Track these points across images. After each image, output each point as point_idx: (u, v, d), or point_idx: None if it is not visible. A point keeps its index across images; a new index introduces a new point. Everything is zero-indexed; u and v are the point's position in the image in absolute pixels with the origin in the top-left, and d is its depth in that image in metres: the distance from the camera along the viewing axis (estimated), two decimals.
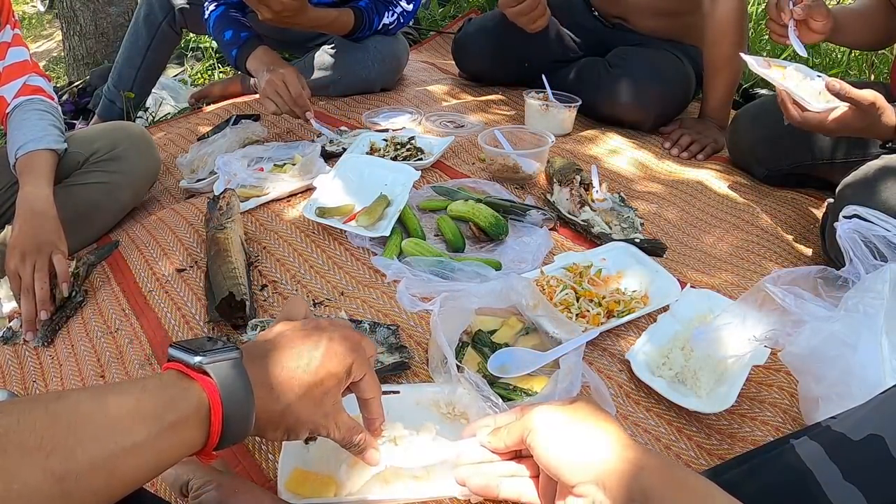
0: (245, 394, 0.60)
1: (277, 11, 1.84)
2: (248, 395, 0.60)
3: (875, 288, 0.83)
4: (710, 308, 1.14)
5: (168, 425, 0.55)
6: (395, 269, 1.28)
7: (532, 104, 1.95)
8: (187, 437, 0.57)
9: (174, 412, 0.56)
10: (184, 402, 0.57)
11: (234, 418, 0.59)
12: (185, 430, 0.57)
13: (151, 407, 0.55)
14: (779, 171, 1.74)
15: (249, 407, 0.60)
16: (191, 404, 0.58)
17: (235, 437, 0.60)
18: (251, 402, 0.60)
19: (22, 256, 1.33)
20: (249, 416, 0.61)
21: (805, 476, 0.57)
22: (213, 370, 0.59)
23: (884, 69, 2.70)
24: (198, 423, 0.58)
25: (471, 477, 0.69)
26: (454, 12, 3.50)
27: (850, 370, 0.80)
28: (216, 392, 0.58)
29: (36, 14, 6.08)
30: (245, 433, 0.61)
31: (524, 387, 1.00)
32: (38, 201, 1.40)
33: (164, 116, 2.75)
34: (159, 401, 0.56)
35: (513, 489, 0.68)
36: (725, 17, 1.84)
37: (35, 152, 1.46)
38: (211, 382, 0.58)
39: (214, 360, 0.59)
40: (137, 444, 0.53)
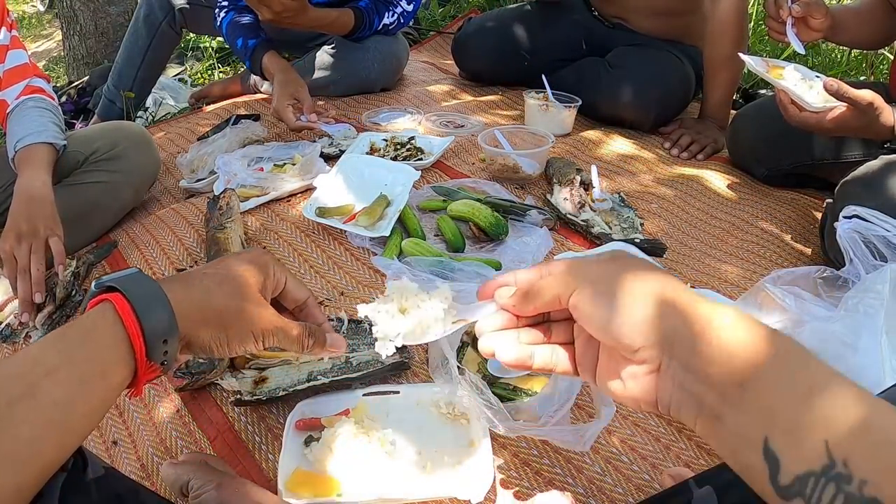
0: (151, 286, 0.58)
1: (278, 12, 1.84)
2: (154, 288, 0.58)
3: (875, 288, 0.84)
4: None
5: (78, 341, 0.54)
6: (396, 269, 1.28)
7: (532, 104, 1.95)
8: (104, 345, 0.55)
9: (79, 328, 0.55)
10: (88, 318, 0.56)
11: (146, 310, 0.56)
12: (99, 340, 0.55)
13: (62, 336, 0.55)
14: (779, 171, 1.74)
15: (157, 293, 0.58)
16: (96, 314, 0.56)
17: (161, 331, 0.57)
18: (159, 292, 0.58)
19: (18, 238, 1.33)
20: (162, 302, 0.58)
21: None
22: (111, 281, 0.58)
23: (883, 69, 2.70)
24: (108, 327, 0.56)
25: (502, 348, 0.55)
26: (454, 12, 3.50)
27: (850, 370, 0.80)
28: (119, 295, 0.57)
29: (36, 14, 6.07)
30: (169, 327, 0.58)
31: (524, 387, 1.00)
32: (35, 186, 1.40)
33: (164, 116, 2.75)
34: (68, 329, 0.55)
35: (546, 359, 0.56)
36: (725, 16, 1.84)
37: (34, 145, 1.46)
38: (115, 294, 0.57)
39: (111, 276, 0.59)
40: (56, 367, 0.52)
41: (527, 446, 0.93)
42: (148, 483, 0.95)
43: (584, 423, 0.89)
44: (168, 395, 1.09)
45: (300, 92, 1.90)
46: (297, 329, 0.68)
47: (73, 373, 0.53)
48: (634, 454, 0.93)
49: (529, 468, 0.90)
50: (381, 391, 1.00)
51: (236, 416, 1.01)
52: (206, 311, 0.62)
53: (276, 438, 0.96)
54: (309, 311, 0.74)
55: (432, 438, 0.91)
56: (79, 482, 0.59)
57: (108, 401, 0.56)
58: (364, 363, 1.04)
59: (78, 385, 0.53)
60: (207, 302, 0.62)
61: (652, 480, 0.89)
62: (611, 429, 0.96)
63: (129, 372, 0.57)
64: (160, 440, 1.01)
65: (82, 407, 0.53)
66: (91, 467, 0.61)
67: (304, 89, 1.92)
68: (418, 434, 0.92)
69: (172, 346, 0.59)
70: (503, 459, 0.91)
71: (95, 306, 0.57)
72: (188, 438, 1.01)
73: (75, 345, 0.54)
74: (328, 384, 0.99)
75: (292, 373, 1.03)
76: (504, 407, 0.88)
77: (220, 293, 0.63)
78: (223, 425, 1.01)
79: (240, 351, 0.65)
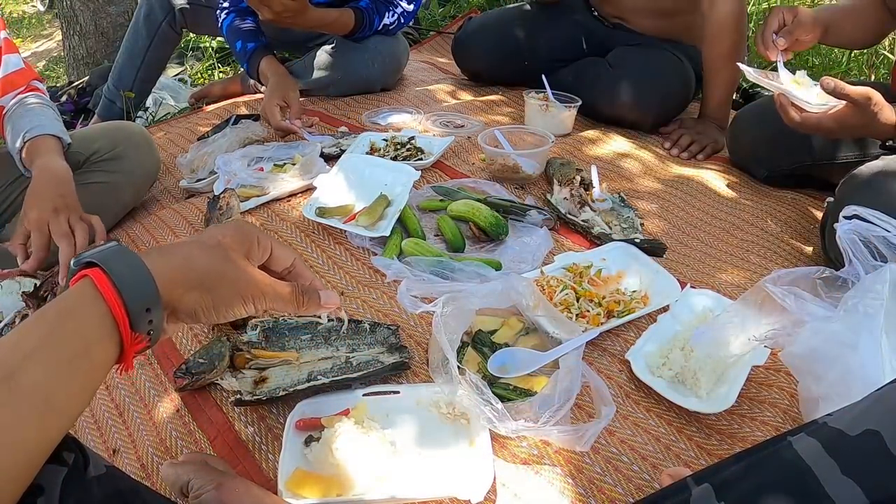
0: (130, 257, 0.57)
1: (278, 12, 1.85)
2: (133, 258, 0.57)
3: (875, 288, 0.83)
4: (710, 308, 1.15)
5: (58, 320, 0.53)
6: (396, 269, 1.28)
7: (532, 104, 1.95)
8: (85, 322, 0.54)
9: (59, 307, 0.54)
10: (68, 296, 0.55)
11: (126, 280, 0.55)
12: (80, 317, 0.54)
13: (42, 316, 0.54)
14: (779, 171, 1.74)
15: (136, 263, 0.57)
16: (75, 291, 0.55)
17: (143, 300, 0.56)
18: (138, 261, 0.57)
19: (55, 210, 1.33)
20: (141, 271, 0.57)
21: (803, 472, 0.57)
22: (89, 257, 0.57)
23: (884, 70, 2.71)
24: (88, 303, 0.54)
25: None
26: (454, 12, 3.50)
27: (850, 370, 0.80)
28: (97, 269, 0.55)
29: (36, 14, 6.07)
30: (151, 295, 0.56)
31: (524, 387, 1.00)
32: (59, 167, 1.41)
33: (164, 116, 2.75)
34: (47, 309, 0.54)
35: None
36: (724, 17, 1.84)
37: (46, 136, 1.46)
38: (94, 269, 0.56)
39: (90, 252, 0.58)
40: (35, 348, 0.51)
41: (527, 446, 0.93)
42: (148, 483, 0.95)
43: (584, 423, 0.89)
44: (168, 395, 1.09)
45: (290, 95, 1.94)
46: (289, 287, 0.67)
47: (54, 353, 0.52)
48: (634, 454, 0.93)
49: (529, 468, 0.90)
50: (381, 391, 1.00)
51: (236, 416, 1.01)
52: (188, 274, 0.60)
53: (276, 438, 0.96)
54: (298, 272, 0.73)
55: (432, 438, 0.91)
56: (80, 479, 0.59)
57: (96, 379, 0.55)
58: (364, 363, 1.04)
59: (59, 365, 0.51)
60: (189, 266, 0.61)
61: (652, 480, 0.89)
62: (611, 429, 0.96)
63: (114, 347, 0.56)
64: (160, 440, 1.01)
65: (66, 387, 0.52)
66: (93, 465, 0.61)
67: (294, 93, 1.95)
68: (418, 434, 0.92)
69: (157, 315, 0.57)
70: (503, 459, 0.91)
71: (75, 284, 0.56)
72: (188, 438, 1.01)
73: (55, 325, 0.53)
74: (328, 384, 0.99)
75: (292, 373, 1.03)
76: (504, 407, 0.88)
77: (202, 257, 0.62)
78: (223, 425, 1.01)
79: (229, 315, 0.63)
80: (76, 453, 0.60)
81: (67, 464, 0.57)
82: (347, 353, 1.07)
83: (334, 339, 1.11)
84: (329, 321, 1.12)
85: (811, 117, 1.32)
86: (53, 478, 0.56)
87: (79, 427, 1.07)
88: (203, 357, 1.05)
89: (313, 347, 1.09)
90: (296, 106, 1.93)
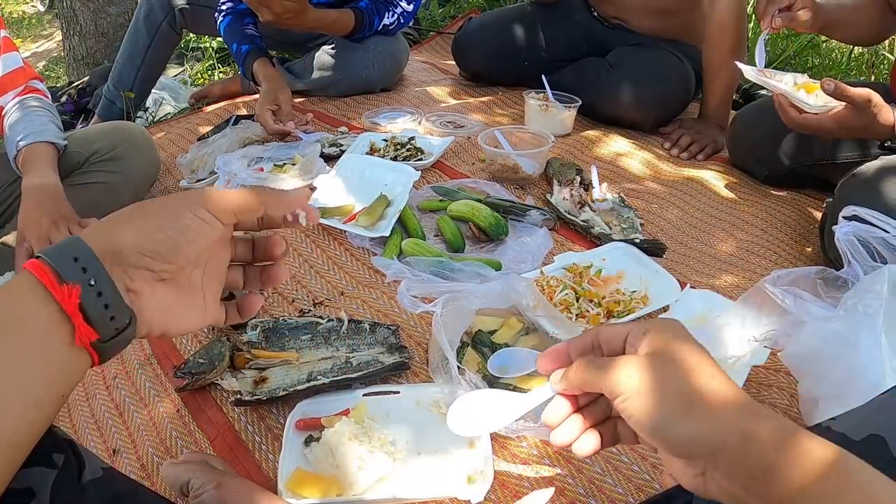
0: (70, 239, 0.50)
1: (278, 13, 1.85)
2: (75, 239, 0.50)
3: (874, 288, 0.84)
4: (710, 308, 1.15)
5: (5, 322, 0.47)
6: (396, 269, 1.28)
7: (532, 104, 1.95)
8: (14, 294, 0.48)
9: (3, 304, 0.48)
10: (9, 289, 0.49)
11: (52, 250, 0.49)
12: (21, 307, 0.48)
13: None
14: (779, 171, 1.74)
15: (77, 242, 0.50)
16: (17, 284, 0.49)
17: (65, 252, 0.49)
18: (78, 241, 0.50)
19: (54, 223, 1.35)
20: (71, 240, 0.50)
21: None
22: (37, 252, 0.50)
23: (884, 70, 2.71)
24: (27, 290, 0.48)
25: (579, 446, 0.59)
26: (454, 12, 3.50)
27: (850, 370, 0.80)
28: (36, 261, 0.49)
29: (36, 14, 6.07)
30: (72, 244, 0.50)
31: (524, 387, 1.00)
32: (49, 186, 1.42)
33: (164, 116, 2.75)
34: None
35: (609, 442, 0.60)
36: (724, 17, 1.84)
37: (39, 144, 1.47)
38: None
39: None
40: None
41: (527, 446, 0.93)
42: (148, 483, 0.95)
43: None
44: (168, 395, 1.09)
45: (280, 98, 1.94)
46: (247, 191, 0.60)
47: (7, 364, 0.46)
48: (634, 454, 0.93)
49: (529, 468, 0.90)
50: (381, 391, 1.00)
51: (236, 416, 1.01)
52: (113, 217, 0.53)
53: (276, 438, 0.96)
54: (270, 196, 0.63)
55: (432, 438, 0.91)
56: (72, 482, 0.59)
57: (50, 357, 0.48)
58: (364, 363, 1.04)
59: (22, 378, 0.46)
60: (113, 216, 0.53)
61: (652, 480, 0.89)
62: None
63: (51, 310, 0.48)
64: (160, 440, 1.01)
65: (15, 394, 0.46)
66: (89, 469, 0.61)
67: (284, 95, 1.96)
68: (418, 434, 0.92)
69: (90, 263, 0.49)
70: (503, 459, 0.91)
71: None
72: (188, 438, 1.01)
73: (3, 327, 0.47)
74: (328, 384, 0.99)
75: (292, 373, 1.03)
76: None
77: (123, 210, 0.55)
78: (223, 425, 1.01)
79: (188, 233, 0.54)
80: (68, 455, 0.59)
81: (57, 466, 0.56)
82: (347, 354, 1.07)
83: (334, 339, 1.11)
84: (329, 321, 1.13)
85: (811, 118, 1.32)
86: (43, 481, 0.55)
87: (79, 427, 1.07)
88: (203, 357, 1.05)
89: (313, 347, 1.09)
90: (286, 107, 1.93)
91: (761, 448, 0.48)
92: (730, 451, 0.48)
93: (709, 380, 0.52)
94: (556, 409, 0.60)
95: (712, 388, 0.51)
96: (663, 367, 0.53)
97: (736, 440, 0.48)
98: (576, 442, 0.59)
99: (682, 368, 0.52)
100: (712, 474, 0.49)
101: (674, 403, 0.51)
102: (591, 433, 0.59)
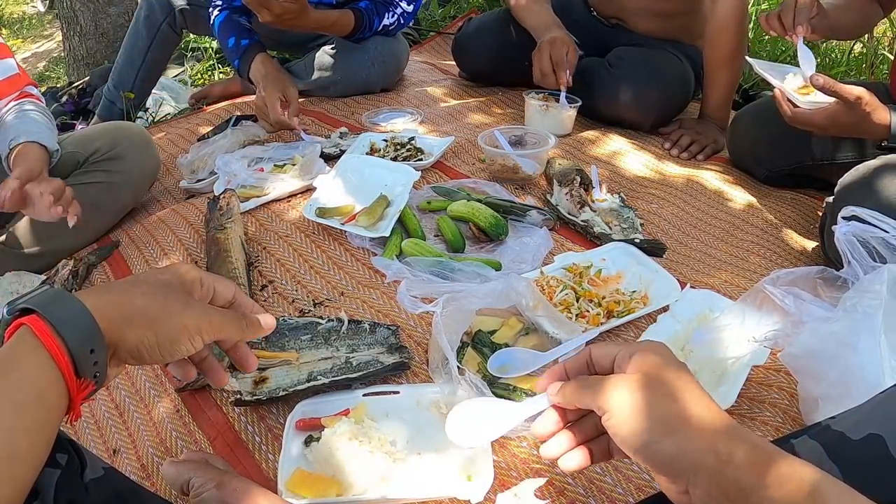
0: (66, 298, 0.55)
1: (278, 14, 1.84)
2: (70, 299, 0.55)
3: (873, 288, 0.84)
4: (710, 308, 1.15)
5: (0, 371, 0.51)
6: (396, 269, 1.28)
7: (532, 104, 1.95)
8: (30, 373, 0.52)
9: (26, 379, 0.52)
10: (7, 348, 0.53)
11: (65, 323, 0.53)
12: (24, 368, 0.52)
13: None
14: (779, 171, 1.74)
15: (73, 303, 0.55)
16: (15, 342, 0.53)
17: (85, 342, 0.54)
18: (76, 302, 0.55)
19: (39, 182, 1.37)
20: (80, 310, 0.55)
21: None
22: (24, 303, 0.55)
23: (883, 70, 2.71)
24: (30, 352, 0.52)
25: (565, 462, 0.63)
26: (454, 12, 3.50)
27: (850, 370, 0.80)
28: (35, 316, 0.53)
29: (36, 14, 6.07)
30: (92, 335, 0.55)
31: (524, 387, 1.00)
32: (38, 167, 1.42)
33: (164, 117, 2.75)
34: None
35: None
36: (726, 17, 1.84)
37: (31, 144, 1.46)
38: (31, 316, 0.54)
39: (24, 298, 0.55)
40: None
41: (527, 446, 0.93)
42: (148, 483, 0.95)
43: None
44: (168, 395, 1.09)
45: (289, 91, 1.93)
46: (231, 314, 0.67)
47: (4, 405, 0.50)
48: None
49: (529, 468, 0.90)
50: (381, 391, 1.00)
51: (236, 416, 1.01)
52: (127, 309, 0.58)
53: (276, 438, 0.96)
54: (239, 303, 0.71)
55: (432, 438, 0.91)
56: (75, 481, 0.59)
57: (50, 424, 0.53)
58: (364, 363, 1.04)
59: (15, 416, 0.50)
60: (128, 301, 0.59)
61: (652, 480, 0.89)
62: None
63: (62, 393, 0.53)
64: (160, 440, 1.01)
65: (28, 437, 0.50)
66: (90, 468, 0.61)
67: (293, 90, 1.95)
68: (418, 434, 0.92)
69: (101, 356, 0.55)
70: (503, 459, 0.91)
71: (13, 333, 0.54)
72: (188, 438, 1.01)
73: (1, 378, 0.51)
74: (328, 384, 0.99)
75: (292, 373, 1.03)
76: None
77: (143, 292, 0.60)
78: (223, 425, 1.01)
79: (174, 352, 0.61)
80: (71, 455, 0.60)
81: (61, 465, 0.57)
82: (347, 354, 1.07)
83: (334, 339, 1.11)
84: (329, 321, 1.13)
85: (803, 112, 1.34)
86: (47, 480, 0.56)
87: (79, 427, 1.07)
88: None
89: (313, 348, 1.09)
90: (295, 103, 1.92)
91: (736, 471, 0.50)
92: (707, 471, 0.51)
93: (691, 403, 0.55)
94: (546, 421, 0.64)
95: (694, 411, 0.54)
96: (649, 389, 0.56)
97: (712, 461, 0.51)
98: (563, 457, 0.63)
99: (666, 391, 0.56)
100: (693, 491, 0.52)
101: (656, 423, 0.54)
102: (579, 450, 0.63)
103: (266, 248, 1.43)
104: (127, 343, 0.58)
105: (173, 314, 0.60)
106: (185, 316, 0.61)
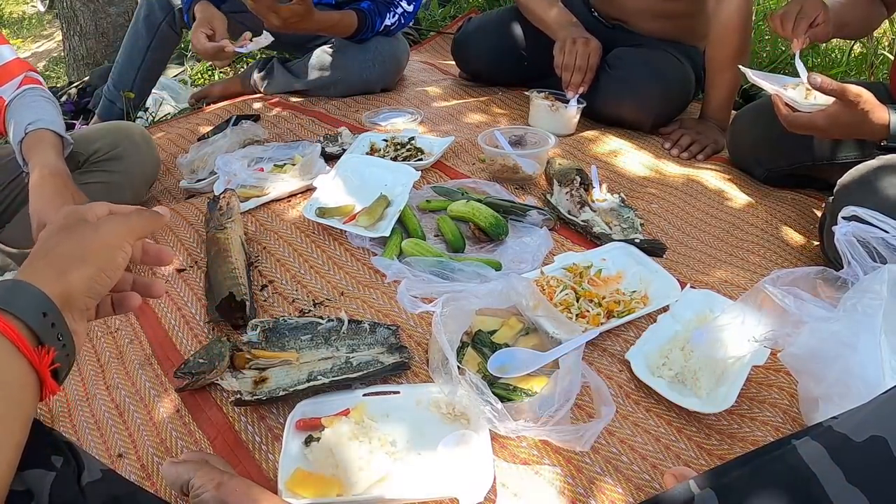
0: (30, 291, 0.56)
1: (286, 18, 1.87)
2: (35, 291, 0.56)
3: (873, 288, 0.84)
4: (710, 308, 1.15)
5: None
6: (396, 269, 1.28)
7: (540, 104, 1.95)
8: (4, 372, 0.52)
9: None
10: None
11: (8, 297, 0.54)
12: None
13: None
14: (779, 171, 1.74)
15: (6, 281, 0.56)
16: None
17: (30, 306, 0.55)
18: (8, 280, 0.57)
19: None
20: (17, 283, 0.56)
21: (807, 479, 0.57)
22: None
23: (883, 70, 2.71)
24: None
25: None
26: (454, 12, 3.50)
27: (850, 370, 0.80)
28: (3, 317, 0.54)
29: (36, 14, 6.07)
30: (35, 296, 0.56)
31: (524, 387, 1.00)
32: (61, 169, 1.41)
33: (165, 116, 2.75)
34: None
35: None
36: (730, 18, 1.84)
37: (47, 131, 1.44)
38: None
39: None
40: None
41: (527, 446, 0.93)
42: (148, 483, 0.95)
43: (584, 423, 0.89)
44: (168, 395, 1.09)
45: (215, 22, 1.96)
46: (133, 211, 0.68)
47: None
48: (634, 454, 0.93)
49: (529, 468, 0.90)
50: (381, 391, 1.00)
51: (236, 416, 1.01)
52: (54, 261, 0.60)
53: (276, 438, 0.96)
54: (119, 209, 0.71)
55: (432, 438, 0.91)
56: (73, 486, 0.59)
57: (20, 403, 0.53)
58: (364, 363, 1.04)
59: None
60: (51, 255, 0.61)
61: (652, 480, 0.89)
62: (611, 429, 0.96)
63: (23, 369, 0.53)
64: (160, 440, 1.01)
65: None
66: (87, 471, 0.61)
67: (220, 21, 1.97)
68: (418, 434, 0.92)
69: (56, 317, 0.56)
70: (503, 459, 0.91)
71: None
72: (188, 438, 1.01)
73: None
74: (328, 384, 0.99)
75: (292, 373, 1.03)
76: (504, 407, 0.88)
77: (56, 243, 0.62)
78: (223, 425, 1.01)
79: (117, 268, 0.63)
80: (67, 458, 0.59)
81: (56, 468, 0.57)
82: (347, 354, 1.07)
83: (334, 339, 1.11)
84: (329, 321, 1.13)
85: (802, 116, 1.34)
86: (42, 483, 0.55)
87: (79, 428, 1.07)
88: (203, 357, 1.05)
89: (313, 347, 1.09)
90: (221, 29, 1.96)
91: None
92: None
93: None
94: None
95: None
96: None
97: None
98: None
99: None
100: None
101: None
102: None
103: (266, 248, 1.43)
104: (75, 287, 0.59)
105: (93, 240, 0.63)
106: (102, 235, 0.63)
